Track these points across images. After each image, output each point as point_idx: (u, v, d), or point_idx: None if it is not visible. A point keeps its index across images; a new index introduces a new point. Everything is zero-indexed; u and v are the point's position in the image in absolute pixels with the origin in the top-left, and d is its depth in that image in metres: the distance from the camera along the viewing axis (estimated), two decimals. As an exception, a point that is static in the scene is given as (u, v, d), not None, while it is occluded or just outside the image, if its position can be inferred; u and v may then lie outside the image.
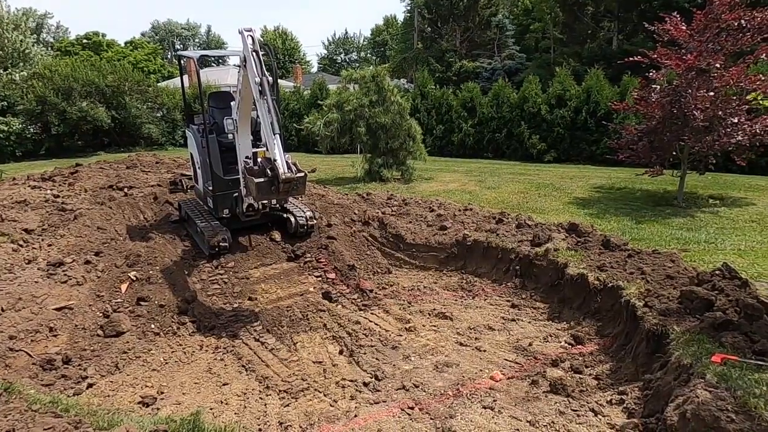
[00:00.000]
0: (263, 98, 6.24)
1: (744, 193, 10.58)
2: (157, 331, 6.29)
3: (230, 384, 5.17)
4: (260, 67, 6.27)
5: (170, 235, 8.31)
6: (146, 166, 14.62)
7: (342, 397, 4.79)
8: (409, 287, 7.67)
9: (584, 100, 16.26)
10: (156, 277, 7.02)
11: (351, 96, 13.09)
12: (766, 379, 3.50)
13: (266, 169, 6.13)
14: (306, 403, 4.74)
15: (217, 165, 8.09)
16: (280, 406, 4.72)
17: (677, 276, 5.44)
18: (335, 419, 4.41)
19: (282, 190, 6.12)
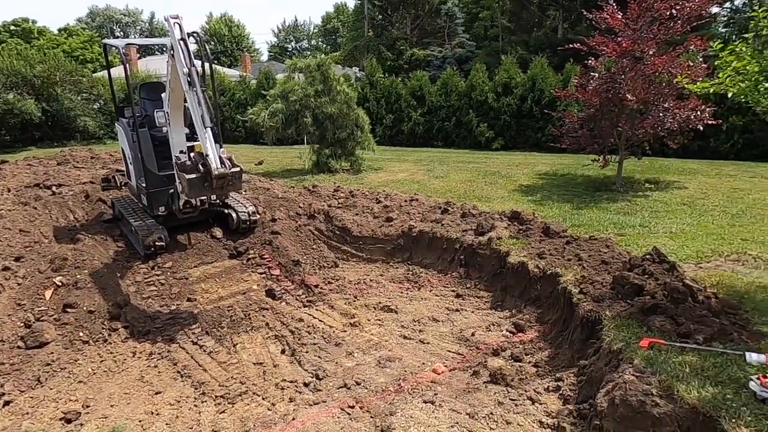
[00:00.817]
0: (192, 89, 5.92)
1: (677, 176, 11.04)
2: (86, 339, 5.92)
3: (163, 392, 4.92)
4: (188, 56, 5.95)
5: (102, 236, 7.85)
6: (80, 161, 13.81)
7: (281, 400, 4.65)
8: (355, 281, 7.56)
9: (529, 88, 16.53)
10: (84, 281, 6.60)
11: (296, 86, 12.76)
12: (689, 361, 3.60)
13: (198, 165, 5.84)
14: (243, 408, 4.57)
15: (150, 160, 7.68)
16: (215, 413, 4.53)
17: (612, 261, 5.57)
18: (272, 424, 4.26)
19: (216, 186, 5.85)
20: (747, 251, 6.15)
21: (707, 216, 7.87)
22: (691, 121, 9.06)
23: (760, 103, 3.85)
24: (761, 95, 3.78)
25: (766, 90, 3.82)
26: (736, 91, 3.78)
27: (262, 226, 8.53)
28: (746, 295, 4.82)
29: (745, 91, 3.75)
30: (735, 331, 3.99)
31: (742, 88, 3.74)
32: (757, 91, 3.68)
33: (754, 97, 3.79)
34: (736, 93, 3.80)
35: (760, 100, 3.78)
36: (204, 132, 5.83)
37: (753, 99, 3.89)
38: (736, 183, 10.18)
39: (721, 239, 6.66)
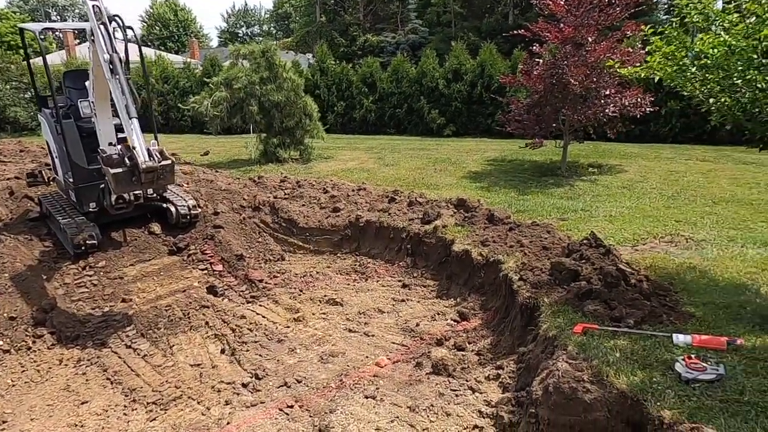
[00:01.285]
0: (114, 77, 5.53)
1: (619, 160, 11.36)
2: (7, 348, 5.51)
3: (90, 402, 4.63)
4: (109, 41, 5.55)
5: (26, 236, 7.32)
6: (7, 155, 12.88)
7: (216, 403, 4.45)
8: (301, 274, 7.39)
9: (479, 75, 16.60)
10: (5, 285, 6.14)
11: (240, 73, 12.30)
12: (620, 345, 3.65)
13: (125, 158, 5.49)
14: (176, 415, 4.35)
15: (77, 153, 7.21)
16: (145, 420, 4.29)
17: (552, 247, 5.63)
18: (205, 429, 4.07)
19: (145, 180, 5.51)
20: (680, 232, 6.36)
21: (645, 199, 8.11)
22: (630, 108, 9.29)
23: (686, 87, 3.90)
24: (687, 80, 3.83)
25: (692, 75, 3.88)
26: (664, 75, 3.82)
27: (204, 220, 8.20)
28: (677, 276, 4.96)
29: (672, 76, 3.80)
30: (665, 313, 4.08)
31: (669, 73, 3.79)
32: (684, 75, 3.72)
33: (681, 82, 3.85)
34: (663, 77, 3.84)
35: (686, 84, 3.84)
36: (129, 123, 5.47)
37: (680, 83, 3.95)
38: (673, 166, 10.57)
39: (656, 221, 6.86)
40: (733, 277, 4.89)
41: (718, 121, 3.87)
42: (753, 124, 3.53)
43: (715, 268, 5.11)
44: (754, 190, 8.36)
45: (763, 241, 5.86)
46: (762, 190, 8.33)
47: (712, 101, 3.72)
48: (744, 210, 7.27)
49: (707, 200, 7.87)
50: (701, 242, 5.99)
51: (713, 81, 3.54)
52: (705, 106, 3.89)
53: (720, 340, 3.59)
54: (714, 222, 6.75)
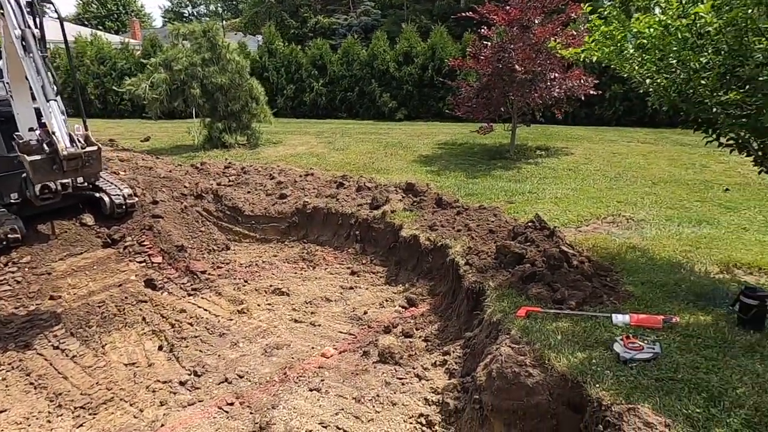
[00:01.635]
0: (28, 55, 5.04)
1: (565, 143, 11.58)
2: None
3: (10, 410, 4.27)
4: (21, 15, 5.04)
5: (-62, 231, 6.69)
6: None
7: (151, 404, 4.20)
8: (246, 264, 7.13)
9: (430, 57, 16.49)
10: None
11: (180, 53, 11.66)
12: (562, 327, 3.66)
13: (43, 144, 5.03)
14: (105, 419, 4.07)
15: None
16: (71, 427, 4.00)
17: (498, 230, 5.62)
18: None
19: (67, 168, 5.08)
20: (621, 213, 6.51)
21: (589, 180, 8.28)
22: (575, 89, 9.42)
23: (623, 68, 3.90)
24: (625, 60, 3.82)
25: (630, 55, 3.87)
26: (601, 56, 3.80)
27: (142, 210, 7.76)
28: (618, 256, 5.05)
29: (610, 56, 3.78)
30: (605, 293, 4.13)
31: (608, 53, 3.77)
32: (622, 56, 3.71)
33: (619, 62, 3.84)
34: (600, 57, 3.82)
35: (623, 65, 3.83)
36: (47, 106, 5.01)
37: (618, 64, 3.94)
38: (616, 148, 10.86)
39: (599, 202, 7.00)
40: (670, 255, 5.03)
41: (655, 102, 3.90)
42: (687, 105, 3.57)
43: (653, 248, 5.24)
44: (689, 171, 8.69)
45: (697, 220, 6.07)
46: (697, 171, 8.68)
47: (649, 82, 3.74)
48: (681, 190, 7.53)
49: (647, 181, 8.11)
50: (641, 222, 6.14)
51: (650, 62, 3.54)
52: (642, 87, 3.90)
53: (656, 319, 3.65)
54: (653, 202, 6.96)
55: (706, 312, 3.85)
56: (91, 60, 19.70)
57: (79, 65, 19.71)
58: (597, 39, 3.74)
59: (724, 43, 3.04)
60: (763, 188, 7.32)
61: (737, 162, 8.60)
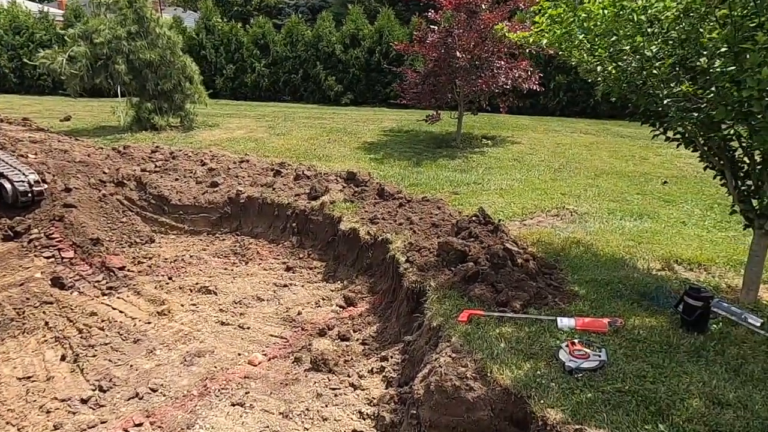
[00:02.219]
0: None
1: (511, 132, 11.51)
2: None
3: None
4: None
5: None
6: None
7: (43, 428, 3.63)
8: (171, 258, 6.52)
9: (377, 41, 16.01)
10: None
11: (102, 25, 10.61)
12: (506, 332, 3.40)
13: None
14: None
15: None
16: (-61, 462, 3.38)
17: (442, 224, 5.33)
18: (19, 467, 3.27)
19: None
20: (565, 206, 6.40)
21: (534, 171, 8.17)
22: (521, 80, 9.27)
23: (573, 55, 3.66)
24: (574, 46, 3.57)
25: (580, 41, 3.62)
26: (551, 39, 3.53)
27: (52, 198, 6.95)
28: (562, 252, 4.89)
29: (560, 40, 3.52)
30: (550, 293, 3.92)
31: (558, 36, 3.50)
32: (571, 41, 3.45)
33: (568, 47, 3.59)
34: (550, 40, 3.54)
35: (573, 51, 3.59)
36: None
37: (567, 49, 3.69)
38: (560, 138, 10.89)
39: (544, 194, 6.88)
40: (614, 251, 4.92)
41: (604, 92, 3.69)
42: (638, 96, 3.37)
43: (597, 242, 5.12)
44: (630, 163, 8.78)
45: (638, 213, 6.04)
46: (637, 163, 8.77)
47: (600, 70, 3.51)
48: (622, 182, 7.55)
49: (590, 173, 8.10)
50: (584, 215, 6.05)
51: (601, 47, 3.30)
52: (591, 76, 3.68)
53: (602, 323, 3.47)
54: (596, 194, 6.91)
55: (651, 313, 3.72)
56: (5, 30, 17.83)
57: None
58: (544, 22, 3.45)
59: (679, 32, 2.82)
60: (698, 181, 7.45)
61: (674, 155, 8.77)
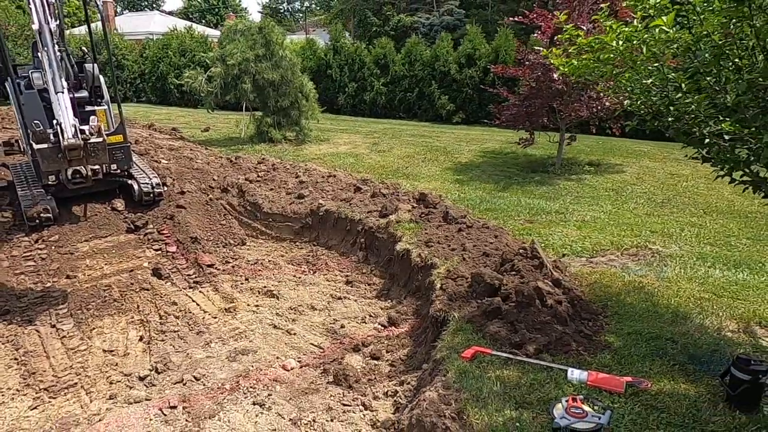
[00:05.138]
0: (44, 49, 5.35)
1: (622, 159, 10.57)
2: (-67, 318, 5.51)
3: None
4: (41, 11, 5.34)
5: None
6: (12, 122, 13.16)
7: (101, 397, 4.27)
8: (253, 261, 7.16)
9: (493, 60, 15.80)
10: (-56, 254, 6.15)
11: (235, 49, 12.03)
12: (507, 376, 3.23)
13: (50, 134, 5.32)
14: (58, 406, 4.19)
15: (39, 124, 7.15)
16: (26, 409, 4.15)
17: (493, 253, 5.16)
18: (73, 425, 3.89)
19: (71, 158, 5.35)
20: (649, 245, 5.76)
21: (629, 203, 7.45)
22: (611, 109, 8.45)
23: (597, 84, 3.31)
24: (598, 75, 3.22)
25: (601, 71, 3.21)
26: (569, 70, 3.22)
27: (168, 199, 8.06)
28: (617, 297, 4.44)
29: (581, 70, 3.18)
30: (577, 340, 3.61)
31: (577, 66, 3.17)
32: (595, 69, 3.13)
33: (593, 77, 3.24)
34: (570, 71, 3.23)
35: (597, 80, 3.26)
36: (55, 98, 5.30)
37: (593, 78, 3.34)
38: (678, 168, 9.73)
39: (629, 230, 6.25)
40: (682, 302, 4.33)
41: (633, 127, 3.28)
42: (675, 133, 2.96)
43: (666, 290, 4.55)
44: (756, 202, 7.54)
45: (736, 262, 5.21)
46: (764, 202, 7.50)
47: (627, 103, 3.14)
48: (734, 223, 6.55)
49: (698, 209, 7.15)
50: (667, 258, 5.39)
51: (624, 78, 2.96)
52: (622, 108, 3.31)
53: (618, 381, 3.12)
54: (693, 235, 6.10)
55: (692, 380, 3.24)
56: (173, 52, 21.01)
57: (162, 56, 21.11)
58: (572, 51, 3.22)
59: (696, 62, 2.46)
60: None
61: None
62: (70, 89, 5.73)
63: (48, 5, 5.45)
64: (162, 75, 21.05)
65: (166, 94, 21.40)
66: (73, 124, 5.26)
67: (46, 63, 5.30)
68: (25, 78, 7.37)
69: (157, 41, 22.33)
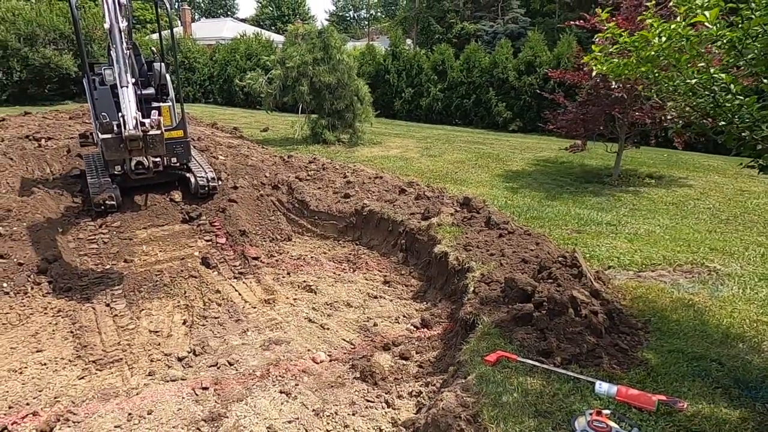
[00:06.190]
0: (113, 46, 5.76)
1: (688, 172, 9.96)
2: (8, 290, 6.01)
3: (44, 351, 4.90)
4: (113, 10, 5.75)
5: (58, 191, 7.97)
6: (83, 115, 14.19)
7: (142, 373, 4.51)
8: (296, 256, 7.33)
9: (554, 67, 15.37)
10: (20, 233, 6.71)
11: (294, 52, 12.43)
12: (530, 384, 3.12)
13: (114, 125, 5.70)
14: (103, 377, 4.47)
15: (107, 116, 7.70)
16: (74, 378, 4.45)
17: (532, 260, 5.01)
18: (112, 396, 4.14)
19: (131, 148, 5.70)
20: (706, 262, 5.38)
21: (690, 218, 7.00)
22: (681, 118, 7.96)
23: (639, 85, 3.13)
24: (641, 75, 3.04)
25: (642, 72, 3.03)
26: (608, 69, 3.05)
27: (222, 193, 8.41)
28: (662, 312, 4.18)
29: (622, 70, 3.01)
30: (610, 354, 3.43)
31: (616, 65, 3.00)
32: (636, 69, 2.96)
33: (633, 77, 3.05)
34: (607, 70, 3.06)
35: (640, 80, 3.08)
36: (120, 91, 5.69)
37: (632, 78, 3.17)
38: (749, 184, 9.04)
39: (685, 246, 5.87)
40: (735, 323, 4.02)
41: (677, 130, 3.07)
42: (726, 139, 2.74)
43: (718, 310, 4.24)
44: (837, 223, 6.88)
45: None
46: None
47: (671, 105, 2.95)
48: (807, 245, 6.00)
49: (767, 229, 6.61)
50: (725, 277, 5.01)
51: (666, 77, 2.78)
52: (666, 112, 3.11)
53: (649, 398, 2.93)
54: (758, 255, 5.64)
55: (735, 405, 2.99)
56: (240, 55, 21.97)
57: (230, 60, 22.14)
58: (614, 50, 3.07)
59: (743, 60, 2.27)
60: None
61: None
62: (136, 85, 6.10)
63: (120, 6, 5.87)
64: (229, 78, 22.05)
65: (232, 96, 22.40)
66: (135, 116, 5.60)
67: (115, 59, 5.70)
68: (99, 75, 7.95)
69: (227, 45, 23.44)
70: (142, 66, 8.33)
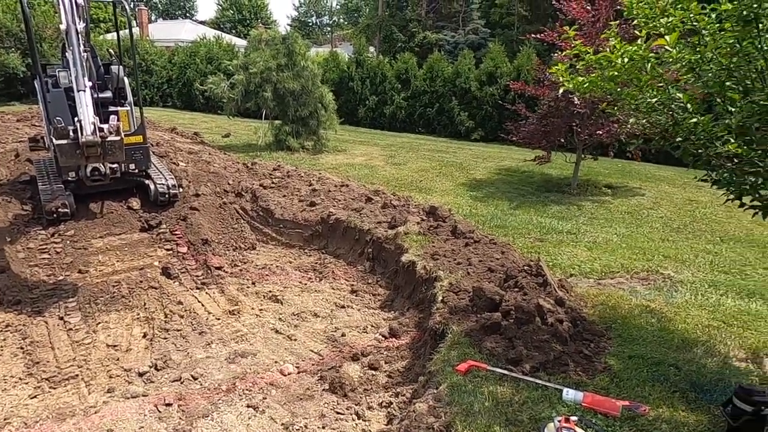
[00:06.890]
0: (70, 48, 5.53)
1: (641, 182, 10.42)
2: (-51, 305, 5.65)
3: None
4: (70, 12, 5.53)
5: (7, 197, 7.56)
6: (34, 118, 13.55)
7: (100, 390, 4.32)
8: (261, 266, 7.20)
9: (515, 79, 15.79)
10: (-36, 243, 6.33)
11: (258, 58, 12.27)
12: (500, 392, 3.18)
13: (70, 131, 5.47)
14: (57, 396, 4.25)
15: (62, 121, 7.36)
16: (26, 397, 4.22)
17: (498, 269, 5.11)
18: (69, 415, 3.94)
19: (88, 154, 5.49)
20: (660, 270, 5.64)
21: (644, 227, 7.32)
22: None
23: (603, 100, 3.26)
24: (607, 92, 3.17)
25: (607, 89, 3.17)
26: (574, 86, 3.19)
27: (183, 201, 8.18)
28: (623, 319, 4.34)
29: (587, 87, 3.15)
30: (575, 361, 3.54)
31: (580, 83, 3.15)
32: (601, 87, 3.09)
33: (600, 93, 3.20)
34: (575, 87, 3.19)
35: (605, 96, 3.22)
36: (77, 95, 5.46)
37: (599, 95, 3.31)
38: (698, 194, 9.55)
39: (641, 254, 6.14)
40: (689, 329, 4.22)
41: (636, 147, 3.23)
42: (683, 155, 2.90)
43: (674, 316, 4.44)
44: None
45: (749, 291, 5.06)
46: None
47: (632, 122, 3.10)
48: (751, 252, 6.38)
49: (714, 237, 6.99)
50: (678, 284, 5.26)
51: (629, 95, 2.92)
52: (627, 127, 3.27)
53: (614, 404, 3.04)
54: (707, 262, 5.95)
55: (693, 408, 3.14)
56: (201, 59, 21.51)
57: (190, 63, 21.63)
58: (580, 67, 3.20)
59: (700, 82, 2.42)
60: None
61: None
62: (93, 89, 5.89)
63: (76, 7, 5.65)
64: (188, 81, 21.54)
65: (191, 100, 21.87)
66: (92, 121, 5.40)
67: (71, 62, 5.48)
68: (53, 77, 7.61)
69: (186, 48, 22.90)
70: (99, 68, 8.03)
